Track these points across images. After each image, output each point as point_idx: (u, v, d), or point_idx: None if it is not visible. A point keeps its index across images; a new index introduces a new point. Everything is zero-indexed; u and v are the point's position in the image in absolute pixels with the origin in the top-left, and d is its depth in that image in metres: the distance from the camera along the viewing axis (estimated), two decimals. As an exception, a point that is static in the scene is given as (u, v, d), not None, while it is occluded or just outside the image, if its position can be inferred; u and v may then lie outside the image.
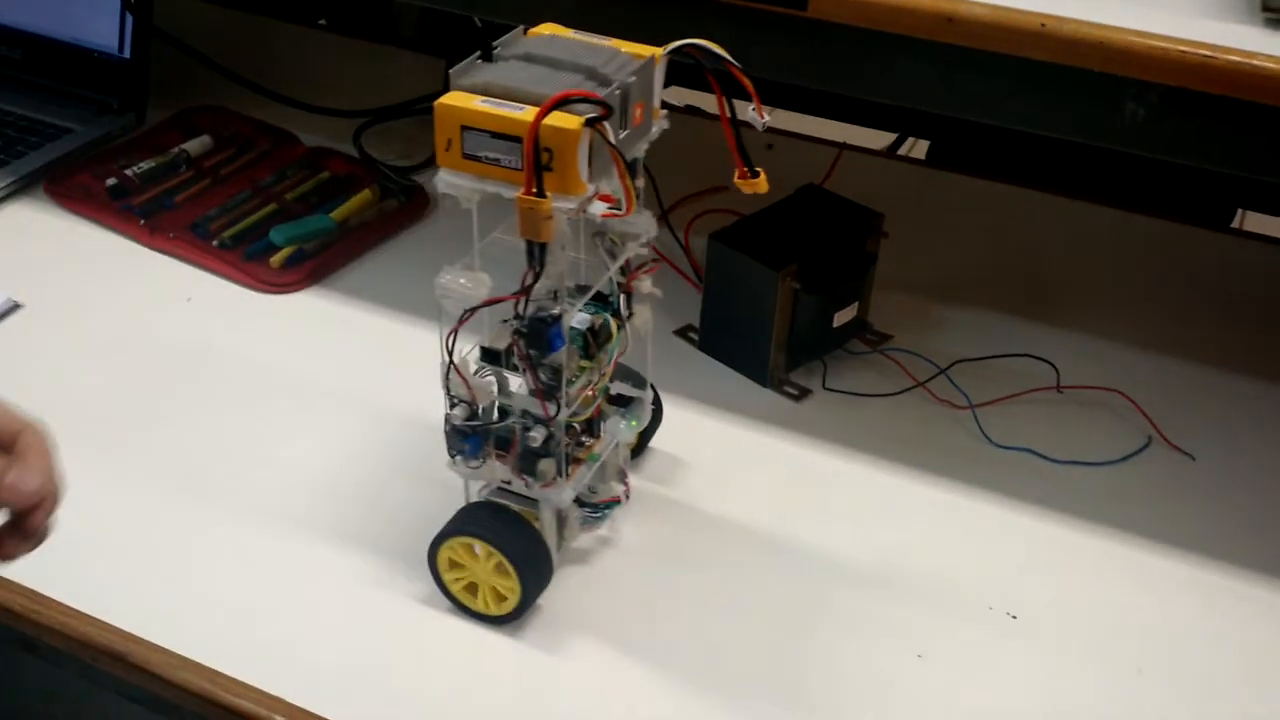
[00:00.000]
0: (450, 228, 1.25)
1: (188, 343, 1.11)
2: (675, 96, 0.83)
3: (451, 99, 0.74)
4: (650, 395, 0.94)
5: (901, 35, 0.85)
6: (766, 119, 0.76)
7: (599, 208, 0.78)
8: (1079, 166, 1.35)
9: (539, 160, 0.71)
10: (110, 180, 1.28)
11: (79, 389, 1.06)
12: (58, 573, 0.89)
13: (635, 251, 0.84)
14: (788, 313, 1.05)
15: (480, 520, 0.85)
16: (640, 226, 0.82)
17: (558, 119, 0.71)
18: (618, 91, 0.74)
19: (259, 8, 1.60)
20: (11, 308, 1.14)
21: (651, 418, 0.96)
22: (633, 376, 0.93)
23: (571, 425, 0.84)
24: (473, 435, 0.83)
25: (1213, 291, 1.21)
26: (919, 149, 1.64)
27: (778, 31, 0.90)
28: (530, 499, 0.86)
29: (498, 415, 0.84)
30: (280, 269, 1.19)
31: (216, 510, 0.95)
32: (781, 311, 1.05)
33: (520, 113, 0.72)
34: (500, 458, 0.84)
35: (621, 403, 0.92)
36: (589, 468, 0.87)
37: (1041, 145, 1.00)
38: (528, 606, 0.86)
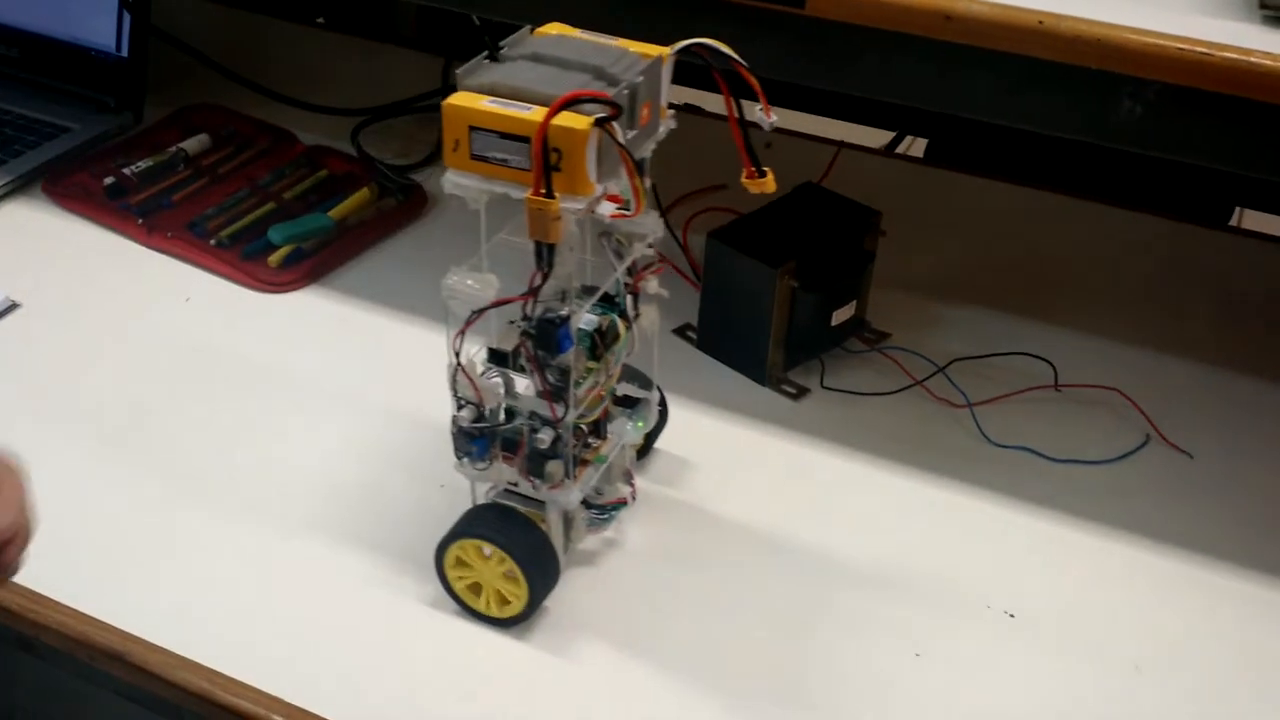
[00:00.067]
0: (449, 226, 1.27)
1: (186, 342, 1.11)
2: (673, 95, 0.82)
3: (459, 99, 0.74)
4: (656, 396, 0.93)
5: (899, 33, 0.85)
6: (774, 119, 0.76)
7: (607, 208, 0.77)
8: (1077, 164, 1.35)
9: (548, 161, 0.71)
10: (108, 179, 1.27)
11: (77, 388, 1.06)
12: (56, 572, 0.89)
13: (642, 252, 0.84)
14: (786, 311, 1.05)
15: (488, 522, 0.85)
16: (647, 227, 0.82)
17: (566, 119, 0.71)
18: (626, 91, 0.74)
19: (257, 6, 1.59)
20: (9, 307, 1.13)
21: (658, 419, 0.96)
22: (639, 378, 0.93)
23: (579, 427, 0.84)
24: (480, 437, 0.83)
25: (1211, 290, 1.21)
26: (917, 147, 1.64)
27: (776, 29, 0.90)
28: (537, 501, 0.85)
29: (504, 417, 0.84)
30: (278, 268, 1.19)
31: (215, 509, 0.95)
32: (780, 310, 1.05)
33: (529, 113, 0.72)
34: (507, 459, 0.84)
35: (628, 404, 0.92)
36: (596, 469, 0.87)
37: (1040, 143, 1.00)
38: (534, 609, 0.86)
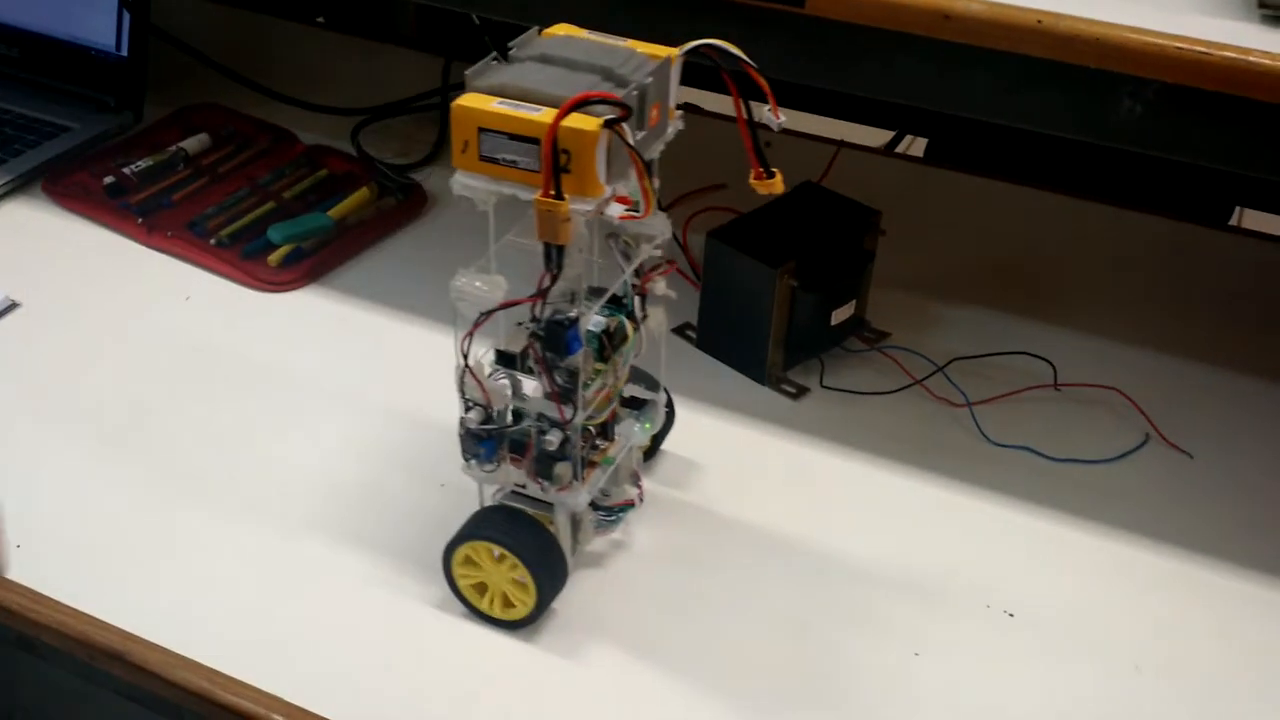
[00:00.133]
0: (448, 226, 1.27)
1: (186, 341, 1.11)
2: (673, 94, 0.83)
3: (468, 100, 0.74)
4: (664, 398, 0.93)
5: (899, 32, 0.85)
6: (782, 119, 0.76)
7: (616, 209, 0.77)
8: (1076, 164, 1.36)
9: (557, 162, 0.70)
10: (108, 179, 1.27)
11: (77, 388, 1.06)
12: (56, 571, 0.89)
13: (649, 253, 0.84)
14: (785, 310, 1.05)
15: (496, 524, 0.85)
16: (655, 228, 0.82)
17: (576, 120, 0.71)
18: (635, 92, 0.74)
19: (257, 5, 1.59)
20: (9, 306, 1.13)
21: (665, 420, 0.96)
22: (645, 379, 0.93)
23: (587, 428, 0.83)
24: (488, 439, 0.82)
25: (1211, 289, 1.21)
26: (917, 146, 1.64)
27: (775, 29, 0.90)
28: (545, 502, 0.85)
29: (512, 419, 0.83)
30: (278, 267, 1.19)
31: (215, 509, 0.95)
32: (779, 309, 1.05)
33: (538, 114, 0.72)
34: (515, 461, 0.84)
35: (635, 405, 0.92)
36: (604, 471, 0.87)
37: (1039, 142, 1.01)
38: (542, 612, 0.86)
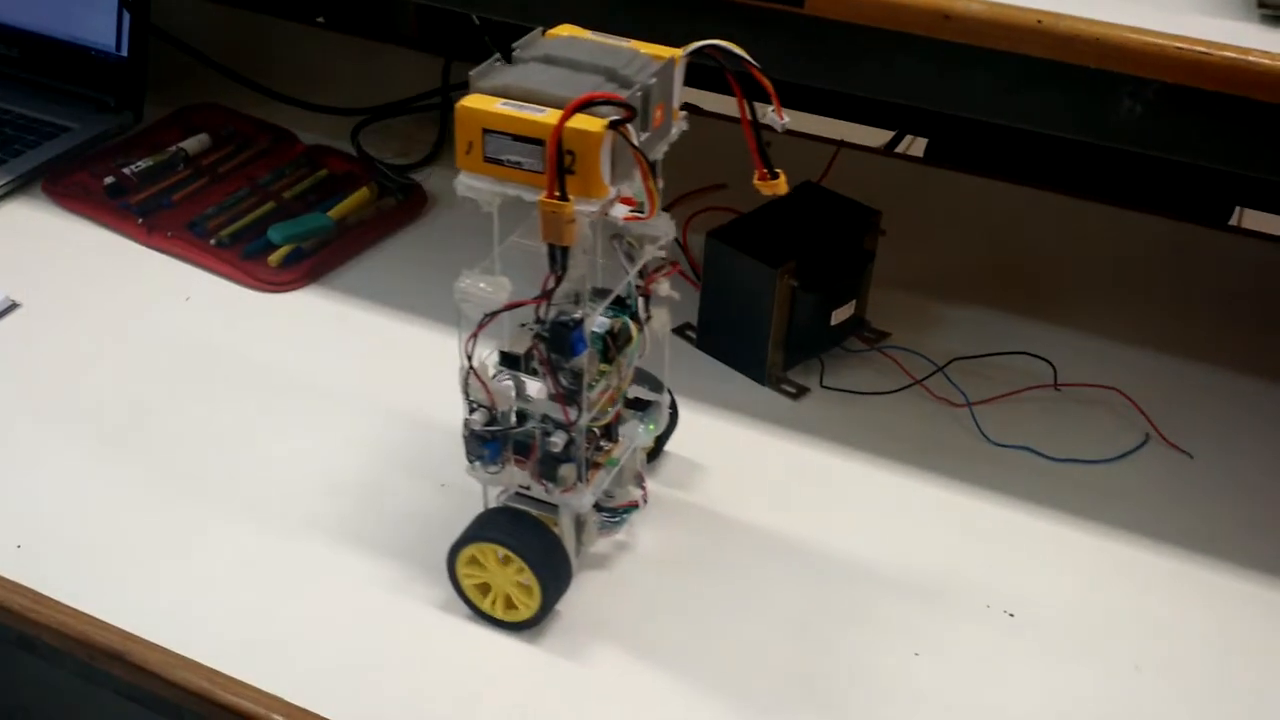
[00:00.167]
0: (448, 226, 1.27)
1: (186, 342, 1.11)
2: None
3: (472, 101, 0.74)
4: (667, 399, 0.93)
5: (898, 32, 0.86)
6: (786, 120, 0.76)
7: (620, 210, 0.77)
8: (1076, 164, 1.36)
9: (562, 163, 0.70)
10: (108, 179, 1.27)
11: (77, 388, 1.06)
12: (56, 571, 0.89)
13: (653, 254, 0.84)
14: (785, 310, 1.05)
15: (501, 526, 0.85)
16: (659, 229, 0.82)
17: (580, 121, 0.70)
18: (639, 93, 0.74)
19: (257, 5, 1.59)
20: (9, 307, 1.13)
21: (668, 422, 0.95)
22: (649, 380, 0.92)
23: (591, 430, 0.83)
24: (492, 440, 0.82)
25: (1211, 289, 1.21)
26: (917, 146, 1.64)
27: (775, 29, 0.90)
28: (549, 504, 0.85)
29: (516, 420, 0.83)
30: (278, 267, 1.19)
31: (215, 509, 0.95)
32: (779, 309, 1.05)
33: (543, 115, 0.72)
34: (519, 463, 0.83)
35: (638, 407, 0.92)
36: (608, 472, 0.87)
37: (1039, 142, 1.01)
38: (546, 614, 0.86)
